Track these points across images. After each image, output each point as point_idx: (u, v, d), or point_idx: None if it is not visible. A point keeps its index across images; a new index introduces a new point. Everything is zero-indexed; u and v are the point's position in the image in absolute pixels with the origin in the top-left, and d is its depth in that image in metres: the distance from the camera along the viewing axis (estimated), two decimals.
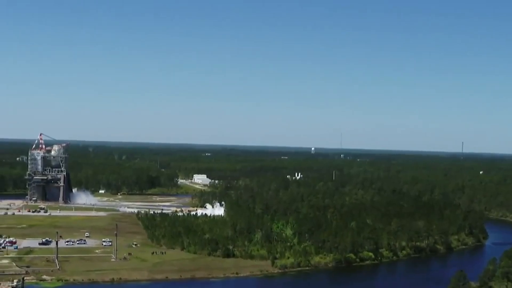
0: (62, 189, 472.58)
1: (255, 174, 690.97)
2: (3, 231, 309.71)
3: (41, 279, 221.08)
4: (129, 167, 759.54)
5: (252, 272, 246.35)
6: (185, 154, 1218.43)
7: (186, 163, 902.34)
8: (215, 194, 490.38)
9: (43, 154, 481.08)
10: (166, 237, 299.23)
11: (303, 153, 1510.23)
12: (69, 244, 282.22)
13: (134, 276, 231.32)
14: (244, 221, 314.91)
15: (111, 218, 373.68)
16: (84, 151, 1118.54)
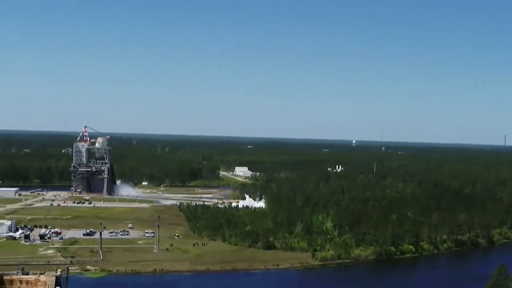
0: (106, 181, 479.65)
1: (296, 166, 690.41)
2: (49, 222, 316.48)
3: (85, 269, 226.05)
4: (172, 159, 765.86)
5: (293, 264, 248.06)
6: (227, 146, 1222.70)
7: (228, 155, 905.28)
8: (256, 186, 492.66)
9: (88, 146, 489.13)
10: (207, 228, 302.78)
11: (344, 146, 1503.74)
12: (112, 235, 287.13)
13: (176, 267, 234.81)
14: (285, 214, 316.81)
15: (153, 210, 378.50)
16: (128, 143, 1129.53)
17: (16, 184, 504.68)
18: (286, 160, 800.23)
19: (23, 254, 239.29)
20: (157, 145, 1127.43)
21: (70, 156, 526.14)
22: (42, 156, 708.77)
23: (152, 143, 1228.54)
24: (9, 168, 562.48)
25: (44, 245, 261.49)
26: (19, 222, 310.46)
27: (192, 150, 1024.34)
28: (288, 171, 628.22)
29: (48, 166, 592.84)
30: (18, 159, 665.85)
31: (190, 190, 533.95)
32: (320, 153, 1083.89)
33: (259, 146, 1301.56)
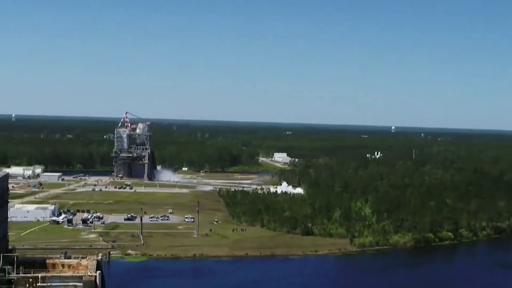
0: (147, 167, 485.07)
1: (335, 152, 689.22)
2: (91, 207, 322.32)
3: (126, 253, 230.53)
4: (212, 145, 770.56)
5: (331, 250, 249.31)
6: (266, 132, 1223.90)
7: (267, 141, 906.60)
8: (294, 172, 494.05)
9: (129, 132, 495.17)
10: (246, 214, 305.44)
11: (383, 132, 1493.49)
12: (153, 220, 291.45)
13: (215, 252, 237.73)
14: (323, 200, 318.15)
15: (193, 195, 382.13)
16: (168, 129, 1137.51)
17: (59, 169, 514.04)
18: (325, 146, 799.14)
19: (66, 238, 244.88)
20: (197, 131, 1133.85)
21: (112, 141, 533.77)
22: (84, 141, 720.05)
23: (192, 129, 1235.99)
24: (53, 153, 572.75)
25: (86, 230, 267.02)
26: (62, 207, 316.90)
27: (231, 136, 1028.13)
28: (326, 157, 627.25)
29: (90, 152, 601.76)
30: (62, 144, 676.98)
31: (229, 176, 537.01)
32: (359, 139, 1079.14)
33: (298, 132, 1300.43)
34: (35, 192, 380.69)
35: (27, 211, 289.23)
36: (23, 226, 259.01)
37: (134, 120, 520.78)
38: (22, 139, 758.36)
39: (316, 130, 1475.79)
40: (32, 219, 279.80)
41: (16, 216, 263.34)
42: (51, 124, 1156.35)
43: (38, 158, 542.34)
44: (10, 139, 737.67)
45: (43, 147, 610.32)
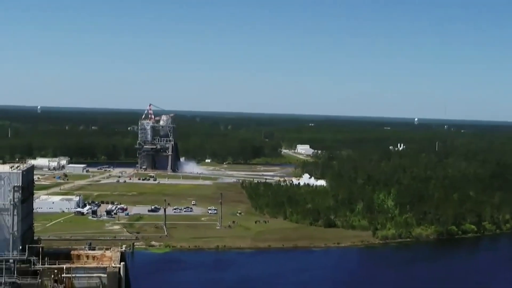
0: (170, 158, 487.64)
1: (358, 144, 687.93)
2: (115, 198, 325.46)
3: (150, 245, 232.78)
4: (234, 137, 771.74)
5: (353, 243, 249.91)
6: (289, 124, 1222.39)
7: (290, 133, 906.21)
8: (317, 164, 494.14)
9: (152, 124, 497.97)
10: (269, 206, 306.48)
11: (406, 124, 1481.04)
12: (176, 212, 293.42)
13: (238, 244, 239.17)
14: (346, 192, 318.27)
15: (216, 187, 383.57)
16: (192, 121, 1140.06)
17: (84, 161, 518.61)
18: (348, 138, 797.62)
19: (90, 229, 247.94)
20: (220, 123, 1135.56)
21: (136, 133, 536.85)
22: (108, 133, 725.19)
23: (215, 120, 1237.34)
24: (77, 145, 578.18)
25: (111, 221, 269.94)
26: (87, 198, 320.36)
27: (254, 127, 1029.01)
28: (349, 149, 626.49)
29: (114, 143, 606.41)
30: (86, 136, 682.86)
31: (252, 168, 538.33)
32: (381, 131, 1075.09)
33: (320, 124, 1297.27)
34: (60, 183, 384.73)
35: (52, 202, 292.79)
36: (48, 217, 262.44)
37: (158, 112, 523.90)
38: (48, 131, 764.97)
39: (339, 122, 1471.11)
40: (57, 210, 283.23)
41: (41, 207, 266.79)
42: (76, 116, 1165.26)
43: (63, 149, 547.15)
44: (36, 131, 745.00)
45: (68, 139, 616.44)
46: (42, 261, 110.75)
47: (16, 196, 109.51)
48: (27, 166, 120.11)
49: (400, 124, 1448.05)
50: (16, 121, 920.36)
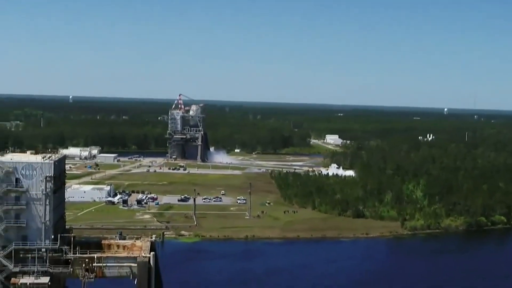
0: (200, 148, 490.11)
1: (387, 134, 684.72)
2: (146, 188, 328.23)
3: (179, 234, 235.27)
4: (264, 126, 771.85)
5: (382, 233, 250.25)
6: (318, 114, 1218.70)
7: (319, 123, 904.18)
8: (346, 154, 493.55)
9: (182, 114, 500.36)
10: (298, 196, 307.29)
11: (436, 114, 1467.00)
12: (206, 202, 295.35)
13: (267, 234, 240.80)
14: (375, 182, 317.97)
15: (245, 177, 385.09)
16: (221, 111, 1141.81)
17: (115, 150, 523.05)
18: (377, 128, 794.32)
19: (121, 219, 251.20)
20: (249, 113, 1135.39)
21: (166, 123, 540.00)
22: (139, 123, 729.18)
23: (245, 110, 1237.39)
24: (108, 134, 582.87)
25: (141, 210, 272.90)
26: (118, 188, 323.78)
27: (283, 117, 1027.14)
28: (378, 139, 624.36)
29: (144, 133, 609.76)
30: (117, 126, 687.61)
31: (281, 158, 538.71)
32: (411, 121, 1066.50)
33: (349, 114, 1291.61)
34: (91, 172, 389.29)
35: (83, 191, 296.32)
36: (80, 206, 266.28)
37: (188, 102, 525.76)
38: (79, 120, 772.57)
39: (368, 112, 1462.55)
40: (89, 199, 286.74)
41: (73, 196, 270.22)
42: (107, 106, 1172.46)
43: (94, 139, 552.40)
44: (68, 121, 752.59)
45: (99, 129, 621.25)
46: (74, 250, 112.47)
47: (48, 186, 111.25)
48: (59, 156, 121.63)
49: (429, 114, 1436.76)
50: (48, 110, 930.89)
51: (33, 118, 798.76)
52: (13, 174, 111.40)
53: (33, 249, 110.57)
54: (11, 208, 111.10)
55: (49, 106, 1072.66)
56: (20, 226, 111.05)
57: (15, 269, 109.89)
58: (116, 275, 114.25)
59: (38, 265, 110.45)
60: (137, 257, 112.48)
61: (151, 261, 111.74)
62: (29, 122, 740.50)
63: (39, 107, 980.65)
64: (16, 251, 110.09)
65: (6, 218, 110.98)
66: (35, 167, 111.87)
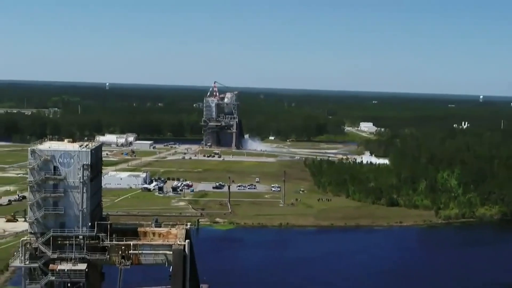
0: (235, 135, 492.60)
1: (421, 122, 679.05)
2: (181, 175, 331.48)
3: (214, 221, 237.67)
4: (298, 114, 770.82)
5: (416, 222, 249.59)
6: (352, 101, 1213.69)
7: (353, 110, 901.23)
8: (380, 142, 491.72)
9: (217, 101, 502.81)
10: (332, 184, 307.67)
11: (471, 101, 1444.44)
12: (240, 189, 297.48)
13: (301, 221, 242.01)
14: (409, 170, 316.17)
15: (279, 164, 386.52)
16: (256, 98, 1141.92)
17: (150, 137, 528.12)
18: (411, 116, 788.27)
19: (157, 206, 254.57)
20: (283, 100, 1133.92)
21: (201, 110, 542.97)
22: (174, 110, 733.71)
23: (279, 98, 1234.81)
24: (144, 121, 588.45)
25: (177, 197, 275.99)
26: (153, 174, 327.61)
27: (317, 105, 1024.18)
28: (412, 127, 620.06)
29: (180, 120, 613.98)
30: (153, 113, 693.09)
31: (315, 145, 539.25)
32: (446, 108, 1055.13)
33: (384, 101, 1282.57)
34: (127, 159, 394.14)
35: (120, 178, 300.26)
36: (116, 193, 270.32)
37: (222, 89, 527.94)
38: (116, 107, 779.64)
39: (402, 99, 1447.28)
40: (125, 186, 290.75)
41: (110, 183, 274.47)
42: (143, 93, 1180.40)
43: (131, 126, 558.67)
44: (104, 108, 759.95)
45: (135, 116, 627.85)
46: (110, 238, 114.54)
47: (85, 174, 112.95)
48: (96, 145, 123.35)
49: (465, 101, 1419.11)
50: (85, 98, 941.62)
51: (70, 105, 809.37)
52: (51, 162, 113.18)
53: (70, 236, 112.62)
54: (49, 195, 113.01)
55: (86, 93, 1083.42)
56: (58, 213, 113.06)
57: (53, 256, 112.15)
58: (152, 262, 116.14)
59: (75, 251, 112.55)
60: (172, 244, 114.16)
61: (186, 249, 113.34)
62: (67, 109, 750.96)
63: (77, 94, 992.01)
64: (54, 238, 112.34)
65: (45, 206, 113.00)
66: (73, 155, 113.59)
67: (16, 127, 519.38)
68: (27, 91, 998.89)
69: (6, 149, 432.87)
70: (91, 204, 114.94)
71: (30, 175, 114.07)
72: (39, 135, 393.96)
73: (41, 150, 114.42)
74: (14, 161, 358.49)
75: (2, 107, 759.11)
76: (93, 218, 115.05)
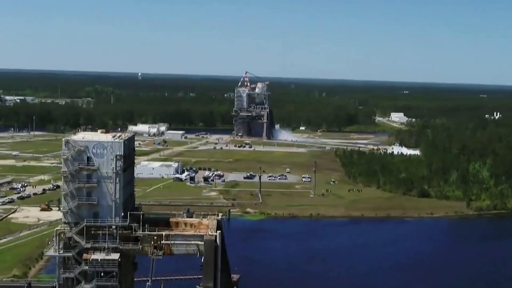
0: (266, 126, 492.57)
1: (453, 112, 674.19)
2: (212, 165, 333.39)
3: (245, 211, 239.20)
4: (329, 104, 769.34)
5: (447, 213, 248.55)
6: (383, 91, 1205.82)
7: (384, 100, 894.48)
8: (411, 133, 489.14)
9: (248, 91, 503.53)
10: (362, 175, 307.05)
11: (503, 91, 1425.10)
12: (271, 179, 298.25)
13: (331, 212, 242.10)
14: (440, 161, 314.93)
15: (310, 155, 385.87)
16: (286, 88, 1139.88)
17: (182, 127, 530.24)
18: (442, 106, 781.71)
19: (188, 195, 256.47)
20: (314, 90, 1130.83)
21: (232, 100, 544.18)
22: (206, 100, 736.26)
23: (310, 87, 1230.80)
24: (176, 111, 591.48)
25: (208, 187, 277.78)
26: (185, 164, 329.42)
27: (348, 95, 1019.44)
28: (444, 118, 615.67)
29: (211, 110, 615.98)
30: (184, 103, 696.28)
31: (346, 135, 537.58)
32: (477, 98, 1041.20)
33: (415, 91, 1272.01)
34: (159, 149, 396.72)
35: (152, 168, 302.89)
36: (148, 183, 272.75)
37: (253, 80, 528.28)
38: (148, 97, 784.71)
39: (434, 89, 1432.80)
40: (157, 176, 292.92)
41: (142, 173, 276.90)
42: (175, 83, 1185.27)
43: (162, 116, 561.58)
44: (137, 97, 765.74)
45: (167, 105, 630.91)
46: (143, 228, 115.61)
47: (118, 165, 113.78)
48: (129, 135, 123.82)
49: (497, 91, 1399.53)
50: (118, 87, 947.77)
51: (103, 95, 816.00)
52: (85, 153, 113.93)
53: (104, 226, 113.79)
54: (83, 186, 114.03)
55: (119, 83, 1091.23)
56: (92, 203, 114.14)
57: (86, 245, 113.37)
58: (184, 252, 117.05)
59: (108, 241, 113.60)
60: (204, 235, 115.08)
61: (217, 240, 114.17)
62: (99, 99, 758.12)
63: (109, 84, 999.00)
64: (87, 227, 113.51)
65: (78, 196, 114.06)
66: (106, 146, 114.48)
67: (50, 116, 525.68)
68: (61, 81, 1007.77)
69: (41, 138, 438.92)
70: (124, 194, 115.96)
71: (64, 166, 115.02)
72: (72, 124, 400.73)
73: (75, 141, 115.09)
74: (48, 150, 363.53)
75: (37, 97, 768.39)
76: (125, 208, 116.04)
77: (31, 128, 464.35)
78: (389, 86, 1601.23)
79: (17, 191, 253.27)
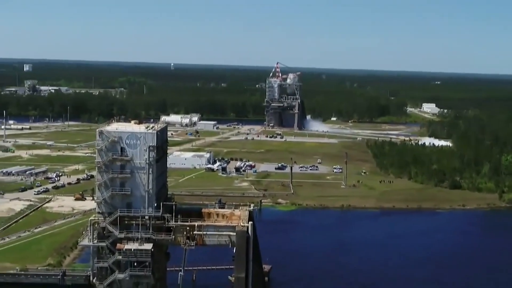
0: (297, 116, 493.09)
1: (485, 103, 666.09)
2: (244, 155, 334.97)
3: (276, 202, 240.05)
4: (360, 95, 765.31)
5: (479, 205, 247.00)
6: (414, 82, 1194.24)
7: (415, 91, 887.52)
8: (443, 124, 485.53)
9: (280, 82, 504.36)
10: (394, 166, 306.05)
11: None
12: (302, 170, 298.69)
13: (362, 203, 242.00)
14: (472, 153, 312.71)
15: (341, 146, 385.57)
16: (318, 79, 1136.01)
17: (214, 117, 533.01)
18: (475, 97, 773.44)
19: (220, 186, 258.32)
20: (345, 81, 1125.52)
21: (263, 91, 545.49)
22: (237, 90, 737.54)
23: (341, 78, 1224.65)
24: (208, 102, 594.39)
25: (239, 178, 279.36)
26: (217, 155, 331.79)
27: (379, 85, 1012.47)
28: (476, 109, 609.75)
29: (243, 101, 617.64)
30: (216, 93, 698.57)
31: (377, 126, 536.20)
32: (510, 89, 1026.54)
33: (446, 82, 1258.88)
34: (192, 139, 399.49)
35: (185, 158, 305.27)
36: (181, 173, 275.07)
37: (285, 70, 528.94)
38: (180, 87, 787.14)
39: (466, 80, 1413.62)
40: (189, 166, 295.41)
41: (174, 163, 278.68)
42: (207, 73, 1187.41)
43: (195, 106, 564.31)
44: (169, 88, 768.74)
45: (199, 96, 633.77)
46: (175, 218, 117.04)
47: (151, 156, 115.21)
48: (162, 126, 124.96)
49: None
50: (151, 78, 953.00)
51: (136, 85, 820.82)
52: (118, 144, 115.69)
53: (137, 216, 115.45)
54: (116, 176, 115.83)
55: (152, 73, 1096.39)
56: (125, 194, 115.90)
57: (120, 235, 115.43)
58: (216, 243, 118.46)
59: (142, 231, 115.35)
60: (235, 226, 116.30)
61: (249, 231, 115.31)
62: (132, 89, 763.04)
63: (142, 75, 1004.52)
64: (121, 218, 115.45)
65: (112, 186, 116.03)
66: (139, 137, 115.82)
67: (84, 107, 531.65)
68: (94, 72, 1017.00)
69: (75, 128, 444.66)
70: (156, 185, 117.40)
71: (98, 156, 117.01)
72: (106, 115, 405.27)
73: (109, 132, 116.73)
74: (82, 140, 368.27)
75: (71, 88, 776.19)
76: (158, 199, 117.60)
77: (66, 118, 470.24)
78: (421, 76, 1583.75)
79: (51, 180, 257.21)
